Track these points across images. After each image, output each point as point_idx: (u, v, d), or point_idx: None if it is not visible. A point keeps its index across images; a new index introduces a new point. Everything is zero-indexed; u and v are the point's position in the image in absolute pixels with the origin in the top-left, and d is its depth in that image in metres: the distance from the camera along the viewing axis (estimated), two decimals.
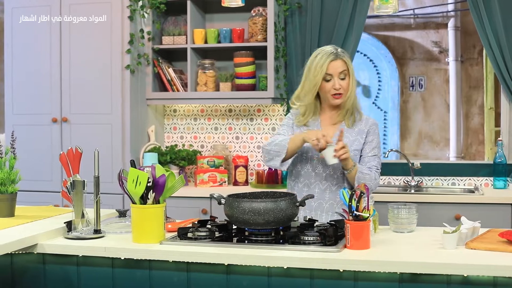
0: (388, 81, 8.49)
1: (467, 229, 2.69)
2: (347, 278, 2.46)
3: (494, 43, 4.95)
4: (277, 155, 3.30)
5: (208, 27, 5.47)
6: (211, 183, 5.21)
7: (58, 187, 5.17)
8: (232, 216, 2.76)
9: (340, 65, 3.33)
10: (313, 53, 3.42)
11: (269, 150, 3.32)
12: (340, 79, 3.34)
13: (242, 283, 2.58)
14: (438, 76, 8.37)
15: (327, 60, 3.32)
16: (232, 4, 3.15)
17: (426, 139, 8.48)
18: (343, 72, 3.34)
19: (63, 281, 2.80)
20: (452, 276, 2.38)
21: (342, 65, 3.34)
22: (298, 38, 5.25)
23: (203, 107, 5.56)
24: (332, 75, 3.33)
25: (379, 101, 8.49)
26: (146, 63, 5.24)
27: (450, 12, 8.19)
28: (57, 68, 5.16)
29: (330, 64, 3.32)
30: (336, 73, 3.33)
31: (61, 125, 5.18)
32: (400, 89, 8.48)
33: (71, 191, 2.93)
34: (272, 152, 3.31)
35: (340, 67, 3.33)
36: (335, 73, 3.33)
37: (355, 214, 2.59)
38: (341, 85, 3.33)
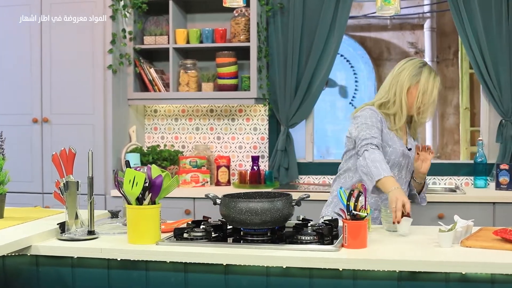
0: (364, 82, 8.53)
1: (461, 227, 2.72)
2: (346, 277, 2.47)
3: (474, 43, 5.01)
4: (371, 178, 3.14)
5: (190, 27, 5.46)
6: (193, 183, 5.20)
7: (38, 188, 5.12)
8: (229, 216, 2.76)
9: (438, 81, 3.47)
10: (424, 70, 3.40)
11: (369, 167, 3.15)
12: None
13: (241, 283, 2.57)
14: None
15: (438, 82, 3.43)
16: (233, 4, 3.15)
17: None
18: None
19: (57, 283, 2.77)
20: (451, 274, 2.40)
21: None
22: (280, 39, 5.26)
23: (184, 107, 5.55)
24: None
25: (356, 102, 8.52)
26: (128, 63, 5.21)
27: (426, 14, 8.26)
28: (38, 68, 5.11)
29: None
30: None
31: (42, 126, 5.13)
32: (376, 89, 8.54)
33: (64, 192, 2.90)
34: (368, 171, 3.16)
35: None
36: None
37: (352, 213, 2.61)
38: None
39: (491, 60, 4.99)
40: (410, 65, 3.41)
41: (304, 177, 5.44)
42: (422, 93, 3.37)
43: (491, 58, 4.99)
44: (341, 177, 3.52)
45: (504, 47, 4.96)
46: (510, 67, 4.96)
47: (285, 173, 5.30)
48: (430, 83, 3.37)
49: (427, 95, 3.37)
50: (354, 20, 8.31)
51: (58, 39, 5.08)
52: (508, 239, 2.58)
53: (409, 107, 3.41)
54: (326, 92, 8.17)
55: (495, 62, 4.99)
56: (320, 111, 8.20)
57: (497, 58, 4.98)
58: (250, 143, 5.47)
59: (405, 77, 3.38)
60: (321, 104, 8.22)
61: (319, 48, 5.20)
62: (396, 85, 3.40)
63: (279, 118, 5.32)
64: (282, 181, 5.29)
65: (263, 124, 5.43)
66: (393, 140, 3.39)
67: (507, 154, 5.03)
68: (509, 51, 4.95)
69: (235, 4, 3.15)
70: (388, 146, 3.37)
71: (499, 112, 5.06)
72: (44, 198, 5.11)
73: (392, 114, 3.42)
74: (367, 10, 8.30)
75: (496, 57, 4.99)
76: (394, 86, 3.41)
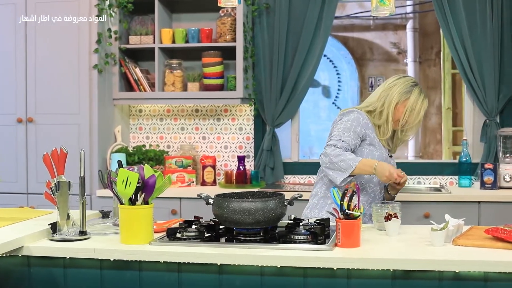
0: (347, 82, 8.57)
1: (453, 226, 2.75)
2: (341, 276, 2.49)
3: (459, 43, 5.04)
4: (340, 172, 3.28)
5: (175, 26, 5.45)
6: (179, 183, 5.19)
7: (23, 189, 5.09)
8: (222, 216, 2.76)
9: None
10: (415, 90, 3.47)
11: (334, 163, 3.28)
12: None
13: (235, 283, 2.58)
14: None
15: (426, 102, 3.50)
16: (228, 4, 3.14)
17: None
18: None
19: (49, 284, 2.76)
20: (444, 272, 2.42)
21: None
22: (266, 39, 5.27)
23: (170, 107, 5.54)
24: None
25: (339, 101, 8.56)
26: (113, 63, 5.19)
27: (408, 14, 8.31)
28: (23, 68, 5.07)
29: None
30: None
31: (27, 126, 5.10)
32: (359, 89, 8.58)
33: (55, 192, 2.88)
34: (336, 165, 3.28)
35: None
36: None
37: (346, 213, 2.62)
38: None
39: (476, 60, 5.03)
40: (403, 82, 3.48)
41: (289, 177, 5.45)
42: (409, 111, 3.43)
43: (475, 58, 5.03)
44: (324, 179, 3.54)
45: (488, 47, 5.00)
46: (495, 67, 5.01)
47: (271, 172, 5.31)
48: (418, 103, 3.45)
49: (414, 115, 3.44)
50: (337, 20, 8.35)
51: (43, 38, 5.04)
52: (499, 237, 2.61)
53: (394, 122, 3.47)
54: (309, 92, 8.15)
55: (480, 62, 5.04)
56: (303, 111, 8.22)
57: (482, 58, 5.02)
58: (235, 143, 5.47)
59: (395, 92, 3.44)
60: (304, 104, 8.24)
61: (304, 48, 5.21)
62: (385, 98, 3.46)
63: (265, 118, 5.33)
64: (268, 181, 5.30)
65: (249, 124, 5.44)
66: (380, 145, 3.46)
67: (491, 154, 5.08)
68: (493, 51, 5.00)
69: (229, 4, 3.15)
70: (376, 149, 3.43)
71: (483, 112, 5.10)
72: (29, 198, 5.08)
73: (377, 125, 3.48)
74: (350, 10, 8.34)
75: (481, 57, 5.03)
76: (383, 98, 3.47)
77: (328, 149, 3.32)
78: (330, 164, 3.29)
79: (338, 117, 3.51)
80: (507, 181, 4.89)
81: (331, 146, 3.33)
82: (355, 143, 3.37)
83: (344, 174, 3.27)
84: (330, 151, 3.31)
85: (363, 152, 3.40)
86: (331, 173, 3.31)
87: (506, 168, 4.91)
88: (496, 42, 5.00)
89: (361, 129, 3.38)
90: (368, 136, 3.41)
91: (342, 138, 3.34)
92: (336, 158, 3.27)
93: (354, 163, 3.26)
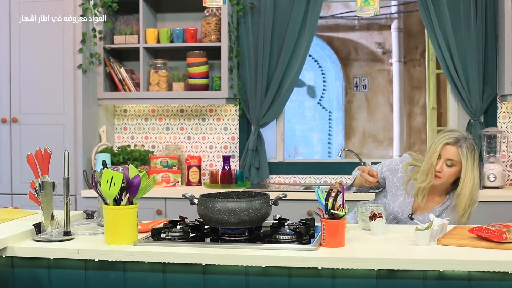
0: (332, 82, 8.59)
1: (437, 225, 2.76)
2: (325, 276, 2.49)
3: (443, 43, 5.06)
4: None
5: (160, 26, 5.43)
6: (164, 183, 5.18)
7: (7, 189, 5.06)
8: (206, 216, 2.76)
9: (453, 152, 3.27)
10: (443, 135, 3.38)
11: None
12: (447, 165, 3.29)
13: (219, 283, 2.58)
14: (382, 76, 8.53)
15: (443, 142, 3.29)
16: (213, 4, 3.14)
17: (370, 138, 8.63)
18: (452, 160, 3.28)
19: (33, 285, 2.75)
20: (428, 272, 2.44)
21: (455, 154, 3.27)
22: (251, 39, 5.27)
23: (154, 107, 5.53)
24: (441, 156, 3.29)
25: (324, 101, 8.58)
26: (98, 63, 5.18)
27: (393, 14, 8.34)
28: (7, 67, 5.04)
29: (444, 146, 3.28)
30: (444, 157, 3.28)
31: (11, 126, 5.07)
32: (344, 89, 8.60)
33: (39, 192, 2.87)
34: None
35: (451, 155, 3.28)
36: (444, 157, 3.28)
37: (330, 212, 2.63)
38: (442, 169, 3.29)
39: (460, 60, 5.05)
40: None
41: (275, 177, 5.45)
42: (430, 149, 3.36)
43: (459, 58, 5.05)
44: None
45: (472, 47, 5.02)
46: (479, 67, 5.03)
47: (256, 172, 5.31)
48: (434, 143, 3.35)
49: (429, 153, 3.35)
50: (322, 20, 8.36)
51: (27, 38, 5.01)
52: (483, 236, 2.62)
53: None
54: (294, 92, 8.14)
55: (464, 62, 5.05)
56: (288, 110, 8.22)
57: (466, 58, 5.04)
58: (220, 143, 5.47)
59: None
60: (290, 104, 8.25)
61: (289, 48, 5.22)
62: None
63: (250, 118, 5.32)
64: (253, 181, 5.30)
65: (234, 124, 5.44)
66: (396, 195, 3.44)
67: None
68: (477, 51, 5.02)
69: (214, 4, 3.14)
70: (385, 197, 3.48)
71: (467, 112, 5.12)
72: (13, 198, 5.05)
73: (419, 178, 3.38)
74: (335, 10, 8.36)
75: (465, 57, 5.05)
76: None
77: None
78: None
79: None
80: (492, 181, 4.91)
81: None
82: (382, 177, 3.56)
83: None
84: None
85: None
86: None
87: (491, 168, 4.93)
88: (480, 42, 5.02)
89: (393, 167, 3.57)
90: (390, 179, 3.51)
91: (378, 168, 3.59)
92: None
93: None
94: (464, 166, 3.27)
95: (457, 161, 3.27)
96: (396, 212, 3.40)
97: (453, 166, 3.28)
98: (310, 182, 5.40)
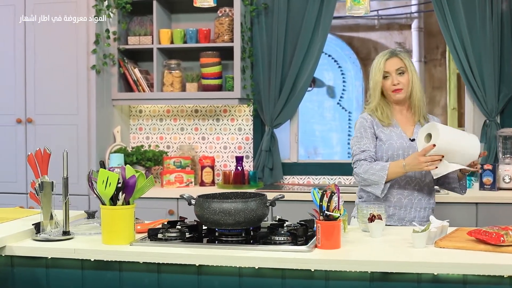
0: (352, 82, 8.54)
1: (436, 228, 2.72)
2: (319, 278, 2.47)
3: (458, 43, 5.01)
4: (376, 185, 3.33)
5: (174, 27, 5.45)
6: (177, 183, 5.19)
7: (23, 189, 5.11)
8: (203, 216, 2.75)
9: (396, 62, 3.42)
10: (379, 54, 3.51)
11: (366, 179, 3.34)
12: (398, 75, 3.41)
13: (213, 284, 2.57)
14: None
15: (383, 59, 3.43)
16: (204, 4, 3.14)
17: None
18: (400, 68, 3.41)
19: (31, 284, 2.77)
20: (423, 275, 2.40)
21: (398, 62, 3.42)
22: (265, 39, 5.26)
23: (169, 107, 5.54)
24: (389, 73, 3.42)
25: (344, 102, 8.53)
26: (112, 64, 5.20)
27: (413, 14, 8.27)
28: (22, 68, 5.09)
29: (387, 62, 3.42)
30: (392, 70, 3.41)
31: (26, 126, 5.12)
32: (364, 89, 8.54)
33: (39, 192, 2.89)
34: (369, 181, 3.34)
35: (396, 64, 3.41)
36: (392, 70, 3.41)
37: (325, 214, 2.60)
38: (399, 80, 3.41)
39: (475, 60, 5.00)
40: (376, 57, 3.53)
41: (288, 178, 5.44)
42: (372, 72, 3.46)
43: (475, 58, 4.99)
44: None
45: (488, 47, 4.96)
46: (494, 67, 4.97)
47: (270, 173, 5.29)
48: (376, 59, 3.48)
49: (373, 71, 3.45)
50: (342, 20, 8.32)
51: (42, 39, 5.06)
52: (481, 239, 2.58)
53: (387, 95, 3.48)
54: (314, 92, 8.18)
55: (479, 62, 5.00)
56: (308, 111, 8.20)
57: (481, 58, 4.99)
58: (235, 144, 5.46)
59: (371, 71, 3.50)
60: (309, 104, 8.24)
61: (303, 48, 5.20)
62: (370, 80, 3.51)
63: (264, 118, 5.31)
64: (267, 182, 5.28)
65: (248, 124, 5.43)
66: (390, 135, 3.44)
67: (491, 154, 5.03)
68: (493, 51, 4.96)
69: (205, 4, 3.14)
70: (383, 143, 3.42)
71: (483, 112, 5.06)
72: (29, 198, 5.09)
73: (379, 112, 3.47)
74: None
75: (480, 57, 4.99)
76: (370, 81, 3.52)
77: (356, 168, 3.38)
78: (364, 182, 3.37)
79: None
80: (507, 182, 4.84)
81: (357, 163, 3.39)
82: (374, 145, 3.43)
83: (380, 186, 3.32)
84: (357, 170, 3.37)
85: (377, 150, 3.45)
86: (369, 189, 3.38)
87: (506, 169, 4.87)
88: (496, 42, 4.97)
89: (370, 130, 3.43)
90: (375, 134, 3.44)
91: (361, 148, 3.40)
92: (365, 175, 3.33)
93: (384, 173, 3.30)
94: (409, 69, 3.43)
95: (404, 66, 3.42)
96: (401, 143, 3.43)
97: (404, 73, 3.42)
98: (324, 183, 5.37)
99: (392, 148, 3.41)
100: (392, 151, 3.41)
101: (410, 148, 3.42)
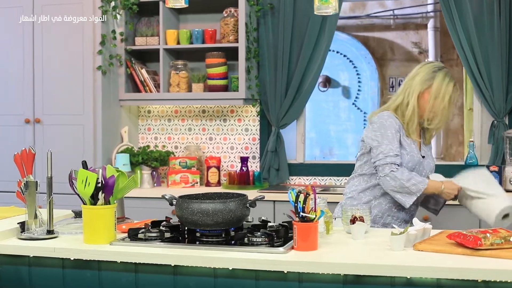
0: (368, 82, 8.49)
1: (416, 230, 2.69)
2: (292, 279, 2.46)
3: (466, 44, 4.95)
4: (409, 195, 3.28)
5: (181, 27, 5.47)
6: (183, 184, 5.21)
7: None
8: (182, 217, 2.76)
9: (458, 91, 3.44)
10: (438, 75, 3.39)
11: (406, 187, 3.26)
12: None
13: (189, 284, 2.57)
14: None
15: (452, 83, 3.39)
16: (176, 5, 3.16)
17: None
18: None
19: (16, 282, 2.80)
20: (396, 278, 2.38)
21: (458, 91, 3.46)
22: (271, 39, 5.25)
23: (177, 108, 5.57)
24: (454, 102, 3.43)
25: (359, 102, 8.49)
26: (119, 64, 5.24)
27: (429, 13, 8.20)
28: (30, 69, 5.16)
29: (454, 87, 3.40)
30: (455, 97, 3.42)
31: (34, 126, 5.17)
32: (380, 90, 8.50)
33: (24, 191, 2.93)
34: (407, 189, 3.26)
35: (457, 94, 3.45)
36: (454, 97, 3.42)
37: (301, 215, 2.59)
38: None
39: (483, 61, 4.94)
40: (425, 69, 3.41)
41: (295, 178, 5.42)
42: (433, 98, 3.35)
43: (483, 58, 4.94)
44: (354, 179, 3.53)
45: (495, 48, 4.90)
46: (502, 67, 4.91)
47: (276, 174, 5.29)
48: (442, 88, 3.35)
49: (438, 100, 3.35)
50: (357, 20, 8.28)
51: (49, 40, 5.12)
52: (459, 242, 2.55)
53: (421, 112, 3.40)
54: (329, 93, 8.14)
55: (487, 63, 4.94)
56: (323, 111, 8.17)
57: (489, 58, 4.93)
58: (241, 144, 5.47)
59: (418, 81, 3.38)
60: (324, 104, 8.21)
61: (309, 48, 5.18)
62: (409, 89, 3.40)
63: (270, 119, 5.31)
64: (273, 182, 5.28)
65: (254, 124, 5.43)
66: (411, 147, 3.38)
67: (499, 155, 4.97)
68: (500, 52, 4.90)
69: (178, 5, 3.16)
70: (406, 153, 3.36)
71: (491, 113, 5.00)
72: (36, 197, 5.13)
73: (406, 122, 3.39)
74: (370, 9, 8.26)
75: (488, 58, 4.93)
76: (407, 89, 3.41)
77: (396, 172, 3.25)
78: (400, 188, 3.27)
79: (371, 122, 3.43)
80: None
81: (393, 166, 3.26)
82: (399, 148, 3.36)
83: (413, 197, 3.28)
84: (398, 175, 3.25)
85: None
86: (398, 196, 3.30)
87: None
88: (504, 42, 4.90)
89: (397, 135, 3.35)
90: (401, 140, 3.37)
91: (395, 151, 3.29)
92: (408, 183, 3.25)
93: (423, 186, 3.28)
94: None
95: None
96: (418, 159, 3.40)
97: None
98: (331, 183, 5.35)
99: (413, 161, 3.36)
100: (413, 163, 3.36)
101: (421, 165, 3.41)
